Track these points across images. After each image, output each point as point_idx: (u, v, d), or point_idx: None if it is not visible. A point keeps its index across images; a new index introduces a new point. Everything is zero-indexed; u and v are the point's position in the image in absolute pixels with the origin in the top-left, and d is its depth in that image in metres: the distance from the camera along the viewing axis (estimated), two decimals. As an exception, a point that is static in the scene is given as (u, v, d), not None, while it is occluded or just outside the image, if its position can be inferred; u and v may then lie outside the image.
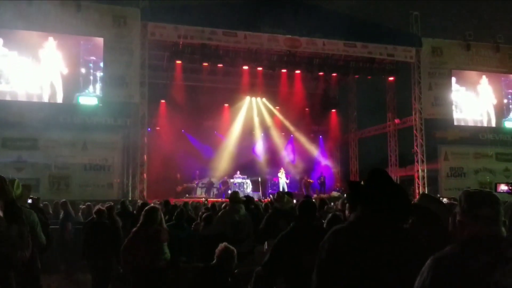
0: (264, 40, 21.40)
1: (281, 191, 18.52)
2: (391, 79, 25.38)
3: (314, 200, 9.57)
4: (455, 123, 24.37)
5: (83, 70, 19.61)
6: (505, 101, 25.53)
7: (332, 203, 12.45)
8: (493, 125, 25.15)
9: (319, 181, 26.83)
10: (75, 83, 19.43)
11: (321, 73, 24.85)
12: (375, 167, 2.80)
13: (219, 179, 25.27)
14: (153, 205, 7.58)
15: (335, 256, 2.54)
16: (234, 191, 9.13)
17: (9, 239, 4.30)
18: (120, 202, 11.52)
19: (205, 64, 22.25)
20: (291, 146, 29.46)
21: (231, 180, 24.31)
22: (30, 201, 7.51)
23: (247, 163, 26.88)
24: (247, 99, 28.30)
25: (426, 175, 23.71)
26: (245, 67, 23.30)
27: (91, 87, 19.64)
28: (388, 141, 26.76)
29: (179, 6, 21.04)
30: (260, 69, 23.64)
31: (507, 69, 25.47)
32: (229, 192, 18.81)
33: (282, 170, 25.59)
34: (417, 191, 23.14)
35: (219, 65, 22.70)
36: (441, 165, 24.15)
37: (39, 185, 17.94)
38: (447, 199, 9.01)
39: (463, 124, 24.61)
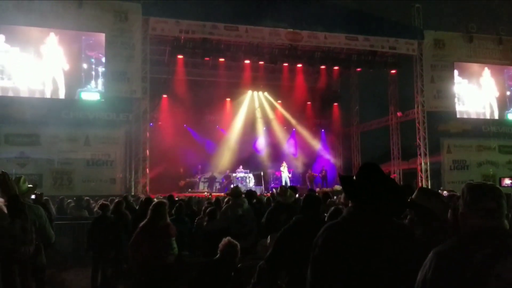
0: (265, 34, 21.35)
1: (284, 185, 18.57)
2: (393, 72, 25.30)
3: (317, 194, 9.58)
4: (458, 116, 24.31)
5: (85, 65, 19.61)
6: (508, 93, 25.48)
7: (335, 197, 12.44)
8: (496, 117, 25.11)
9: (320, 174, 26.80)
10: (77, 78, 19.43)
11: (322, 67, 24.85)
12: (366, 161, 2.79)
13: (221, 174, 25.28)
14: (161, 200, 7.60)
15: (328, 251, 2.53)
16: (234, 186, 9.15)
17: (12, 234, 4.31)
18: (123, 197, 11.54)
19: (207, 58, 22.21)
20: (293, 140, 29.45)
21: (234, 174, 24.34)
22: (33, 196, 7.54)
23: (249, 157, 26.92)
24: (249, 93, 28.32)
25: (429, 168, 23.68)
26: (247, 61, 23.25)
27: (93, 83, 19.64)
28: (390, 134, 26.70)
29: (180, 0, 20.98)
30: (261, 63, 23.57)
31: (509, 61, 25.40)
32: (231, 186, 18.88)
33: (284, 164, 25.59)
34: (419, 184, 23.10)
35: (221, 60, 22.65)
36: (444, 158, 24.11)
37: (41, 181, 17.98)
38: (447, 191, 8.98)
39: (465, 116, 24.56)
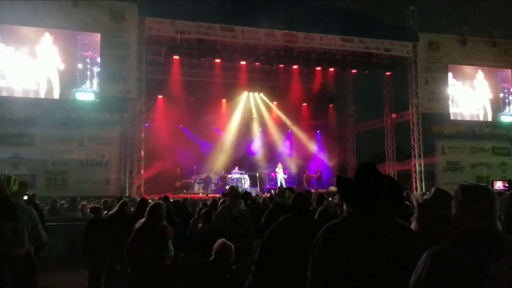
0: (261, 35, 21.38)
1: (282, 186, 18.58)
2: (388, 73, 25.42)
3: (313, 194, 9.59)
4: (452, 118, 24.41)
5: (80, 65, 19.54)
6: (501, 95, 25.58)
7: (330, 198, 12.45)
8: (490, 119, 25.21)
9: (315, 176, 26.84)
10: (72, 78, 19.37)
11: (318, 68, 24.95)
12: (364, 162, 2.81)
13: (216, 174, 25.27)
14: (158, 201, 7.57)
15: (329, 251, 2.55)
16: (231, 186, 9.14)
17: (2, 235, 4.30)
18: (117, 198, 11.51)
19: (203, 59, 22.17)
20: (289, 141, 29.48)
21: (229, 175, 24.32)
22: (26, 197, 7.50)
23: (245, 158, 26.94)
24: (245, 94, 28.34)
25: (423, 169, 23.74)
26: (243, 62, 23.24)
27: (88, 83, 19.58)
28: (385, 135, 26.77)
29: (176, 1, 20.96)
30: (257, 64, 23.58)
31: (503, 64, 25.52)
32: (227, 187, 18.84)
33: (279, 165, 25.61)
34: (414, 186, 23.20)
35: (217, 60, 22.67)
36: (438, 159, 24.19)
37: (35, 182, 17.91)
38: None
39: (459, 118, 24.65)
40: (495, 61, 25.31)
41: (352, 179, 2.72)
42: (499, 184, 18.67)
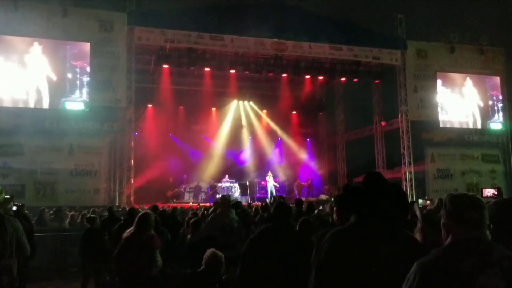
0: (250, 43, 21.43)
1: (276, 195, 18.57)
2: (377, 81, 25.56)
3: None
4: (441, 125, 24.50)
5: (69, 75, 19.46)
6: (490, 102, 25.75)
7: (320, 207, 12.44)
8: (479, 126, 25.33)
9: (306, 184, 26.84)
10: (61, 88, 19.27)
11: (307, 76, 24.95)
12: (371, 170, 2.84)
13: (206, 183, 25.20)
14: (146, 211, 7.57)
15: (334, 257, 2.57)
16: (222, 196, 9.12)
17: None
18: (107, 208, 11.44)
19: (192, 68, 22.20)
20: (279, 149, 29.46)
21: (219, 184, 24.24)
22: (14, 208, 7.45)
23: (235, 166, 26.90)
24: (234, 103, 28.34)
25: (413, 177, 23.81)
26: (232, 71, 23.24)
27: (77, 92, 19.48)
28: (375, 143, 26.86)
29: (165, 10, 21.01)
30: (247, 72, 23.59)
31: (491, 71, 25.73)
32: (217, 196, 18.80)
33: (270, 173, 25.57)
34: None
35: (206, 69, 22.70)
36: (428, 166, 24.27)
37: (24, 192, 17.81)
38: (430, 201, 9.00)
39: (449, 126, 24.76)
40: (483, 68, 25.52)
41: (358, 187, 2.75)
42: (488, 190, 18.78)
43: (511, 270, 2.12)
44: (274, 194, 23.70)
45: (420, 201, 17.19)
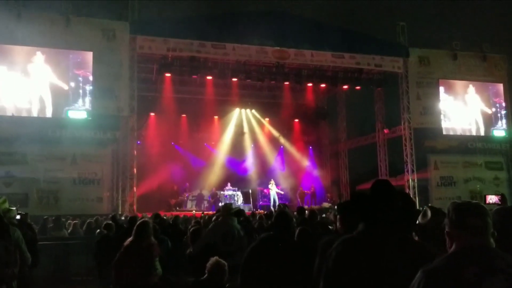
0: (252, 52, 21.47)
1: (280, 203, 18.54)
2: (379, 89, 25.55)
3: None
4: (444, 132, 24.42)
5: (72, 84, 19.50)
6: (493, 109, 25.69)
7: (323, 215, 12.43)
8: (482, 134, 25.25)
9: (309, 192, 26.80)
10: (64, 97, 19.33)
11: (309, 84, 24.95)
12: (379, 179, 2.84)
13: (209, 191, 25.18)
14: (144, 219, 7.57)
15: (342, 265, 2.57)
16: (224, 204, 9.11)
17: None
18: (111, 216, 11.44)
19: (194, 76, 22.26)
20: (281, 157, 29.44)
21: (222, 192, 24.22)
22: (18, 217, 7.46)
23: (237, 174, 26.89)
24: (237, 111, 28.38)
25: (416, 184, 23.73)
26: (234, 79, 23.24)
27: (80, 101, 19.53)
28: (378, 151, 26.79)
29: (167, 19, 21.13)
30: (249, 80, 23.60)
31: (494, 78, 25.70)
32: (219, 204, 18.77)
33: (272, 181, 25.53)
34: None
35: (208, 77, 22.70)
36: (431, 174, 24.18)
37: (27, 200, 17.79)
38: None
39: (451, 133, 24.68)
40: (486, 75, 25.49)
41: (367, 195, 2.75)
42: (491, 197, 18.67)
43: (515, 277, 2.11)
44: (277, 202, 23.69)
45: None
